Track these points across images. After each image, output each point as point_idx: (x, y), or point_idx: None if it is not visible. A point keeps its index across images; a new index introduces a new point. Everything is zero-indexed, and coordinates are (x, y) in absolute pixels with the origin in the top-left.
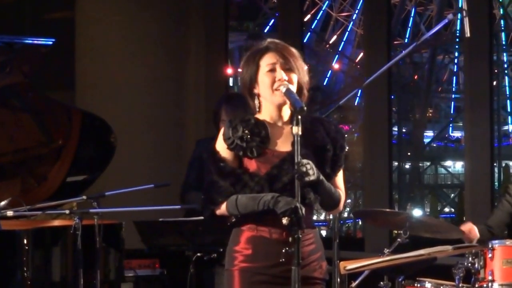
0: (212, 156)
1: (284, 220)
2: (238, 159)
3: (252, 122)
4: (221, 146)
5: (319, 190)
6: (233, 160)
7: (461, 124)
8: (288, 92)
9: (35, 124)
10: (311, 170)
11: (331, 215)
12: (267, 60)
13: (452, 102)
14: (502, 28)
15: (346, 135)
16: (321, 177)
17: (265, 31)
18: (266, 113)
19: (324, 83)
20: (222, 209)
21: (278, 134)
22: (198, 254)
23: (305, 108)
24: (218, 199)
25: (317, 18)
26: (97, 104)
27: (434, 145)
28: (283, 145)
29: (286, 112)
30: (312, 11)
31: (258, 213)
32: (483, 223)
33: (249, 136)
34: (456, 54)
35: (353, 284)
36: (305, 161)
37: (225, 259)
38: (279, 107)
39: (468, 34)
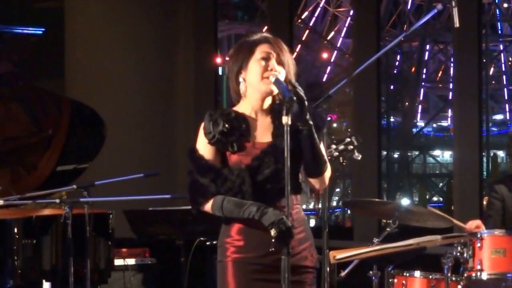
0: (191, 155)
1: (272, 232)
2: (220, 154)
3: (232, 115)
4: (201, 143)
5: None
6: (213, 155)
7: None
8: (277, 82)
9: (25, 113)
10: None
11: (319, 203)
12: (263, 48)
13: (450, 92)
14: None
15: (325, 115)
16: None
17: (263, 30)
18: (248, 102)
19: (324, 79)
20: (207, 207)
21: (258, 125)
22: (201, 239)
23: (295, 98)
24: (199, 199)
25: (315, 15)
26: (86, 93)
27: (431, 134)
28: (263, 136)
29: (267, 102)
30: (310, 8)
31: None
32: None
33: (229, 130)
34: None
35: (343, 273)
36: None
37: (218, 251)
38: (263, 97)
39: (457, 24)
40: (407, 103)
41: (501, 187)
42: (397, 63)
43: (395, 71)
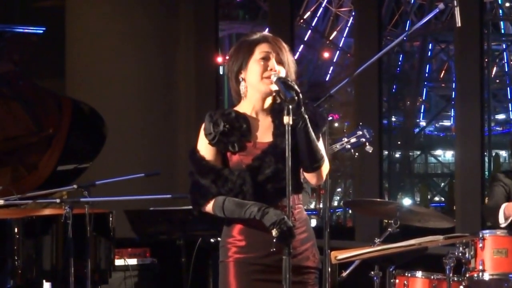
0: (192, 156)
1: (274, 232)
2: (221, 154)
3: (233, 115)
4: (201, 144)
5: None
6: (214, 156)
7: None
8: (279, 81)
9: (25, 112)
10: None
11: (321, 203)
12: (262, 48)
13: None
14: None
15: (326, 114)
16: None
17: (266, 31)
18: (249, 102)
19: (326, 79)
20: (208, 208)
21: (259, 125)
22: (205, 234)
23: (296, 98)
24: (201, 200)
25: (317, 14)
26: (87, 93)
27: (434, 134)
28: (264, 136)
29: (268, 102)
30: (312, 8)
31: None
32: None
33: (230, 130)
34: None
35: (344, 274)
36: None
37: (219, 251)
38: (263, 97)
39: (459, 24)
40: (408, 103)
41: (507, 178)
42: (399, 62)
43: (397, 70)
